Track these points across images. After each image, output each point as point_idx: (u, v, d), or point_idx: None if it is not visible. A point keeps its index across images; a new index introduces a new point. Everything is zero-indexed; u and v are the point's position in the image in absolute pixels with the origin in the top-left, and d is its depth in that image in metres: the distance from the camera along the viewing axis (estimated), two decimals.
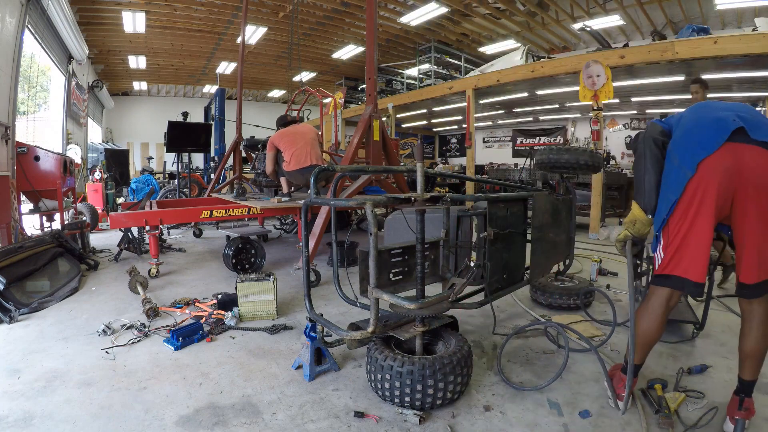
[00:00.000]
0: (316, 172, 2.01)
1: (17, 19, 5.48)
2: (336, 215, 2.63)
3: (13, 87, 5.29)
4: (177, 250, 5.19)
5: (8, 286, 2.99)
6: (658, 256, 1.66)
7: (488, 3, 10.08)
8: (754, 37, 5.35)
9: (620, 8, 9.76)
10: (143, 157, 16.68)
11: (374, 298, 1.74)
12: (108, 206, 7.59)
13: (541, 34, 11.92)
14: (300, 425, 1.72)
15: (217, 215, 4.28)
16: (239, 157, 7.03)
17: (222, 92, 9.76)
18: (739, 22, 9.29)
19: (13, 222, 4.62)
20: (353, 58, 13.69)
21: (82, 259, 4.19)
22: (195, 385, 2.03)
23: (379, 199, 1.84)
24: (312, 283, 3.63)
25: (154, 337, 2.58)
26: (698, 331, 2.53)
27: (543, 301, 3.15)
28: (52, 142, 9.33)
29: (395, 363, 1.79)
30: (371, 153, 4.46)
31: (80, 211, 5.69)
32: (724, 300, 3.24)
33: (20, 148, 4.96)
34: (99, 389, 1.97)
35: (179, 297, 3.32)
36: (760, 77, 6.98)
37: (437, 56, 12.24)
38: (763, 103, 9.02)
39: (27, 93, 9.11)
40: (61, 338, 2.56)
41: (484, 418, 1.77)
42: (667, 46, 5.84)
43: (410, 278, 2.32)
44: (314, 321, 2.10)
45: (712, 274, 2.54)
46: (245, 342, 2.54)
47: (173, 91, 18.42)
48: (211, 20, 10.71)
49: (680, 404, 1.84)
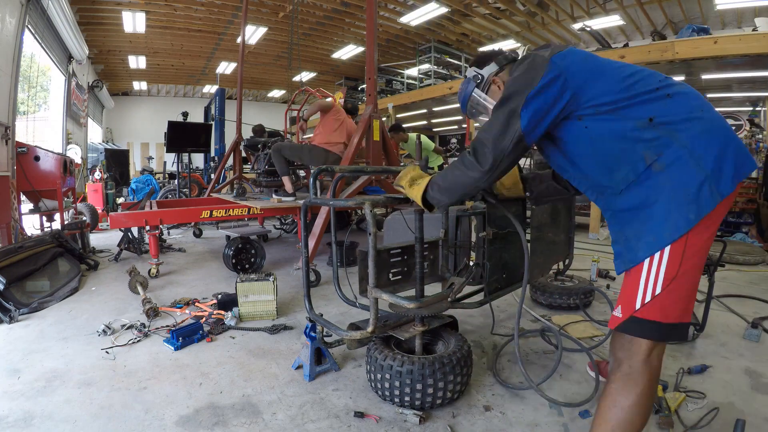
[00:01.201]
0: (316, 173, 2.01)
1: (17, 19, 5.48)
2: (336, 215, 2.63)
3: (13, 87, 5.29)
4: (177, 250, 5.19)
5: (8, 286, 2.99)
6: (648, 287, 1.18)
7: (488, 3, 10.09)
8: (754, 37, 5.36)
9: (620, 8, 9.77)
10: (143, 157, 16.69)
11: (374, 298, 1.74)
12: (108, 206, 7.59)
13: (541, 34, 11.92)
14: (300, 425, 1.72)
15: (217, 215, 4.28)
16: (239, 157, 7.03)
17: (222, 92, 9.77)
18: (739, 22, 9.29)
19: (13, 222, 4.62)
20: (353, 58, 13.70)
21: (82, 259, 4.19)
22: (195, 385, 2.03)
23: (378, 199, 1.84)
24: (312, 283, 3.64)
25: (154, 337, 2.58)
26: (698, 332, 2.53)
27: (543, 300, 3.15)
28: (52, 142, 9.34)
29: (395, 363, 1.79)
30: (371, 153, 4.46)
31: (80, 211, 5.70)
32: (724, 300, 3.24)
33: (20, 148, 4.96)
34: (99, 389, 1.97)
35: (179, 297, 3.32)
36: (760, 77, 6.99)
37: (437, 56, 12.25)
38: (763, 103, 9.02)
39: (27, 93, 9.13)
40: (61, 338, 2.56)
41: (484, 418, 1.77)
42: (667, 46, 5.85)
43: (410, 278, 2.32)
44: (314, 321, 2.10)
45: (713, 274, 2.54)
46: (245, 342, 2.54)
47: (173, 91, 18.43)
48: (211, 20, 10.71)
49: (680, 404, 1.84)
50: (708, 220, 1.15)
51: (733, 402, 1.87)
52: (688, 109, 1.19)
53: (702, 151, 1.15)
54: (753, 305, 3.17)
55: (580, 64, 1.27)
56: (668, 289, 1.16)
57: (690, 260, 1.15)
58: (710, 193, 1.13)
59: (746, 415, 1.75)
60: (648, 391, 1.19)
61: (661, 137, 1.17)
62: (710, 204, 1.13)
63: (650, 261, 1.17)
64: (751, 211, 6.62)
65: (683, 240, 1.14)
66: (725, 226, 6.96)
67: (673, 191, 1.16)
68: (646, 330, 1.19)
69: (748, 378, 2.10)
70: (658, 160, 1.17)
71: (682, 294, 1.17)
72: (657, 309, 1.17)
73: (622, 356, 1.23)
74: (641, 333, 1.19)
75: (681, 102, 1.21)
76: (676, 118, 1.18)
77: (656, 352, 1.22)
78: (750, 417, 1.73)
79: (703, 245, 1.17)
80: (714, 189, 1.13)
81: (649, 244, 1.17)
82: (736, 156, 1.16)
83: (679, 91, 1.23)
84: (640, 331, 1.19)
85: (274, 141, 5.63)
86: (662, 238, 1.15)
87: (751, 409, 1.82)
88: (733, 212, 7.04)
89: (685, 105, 1.20)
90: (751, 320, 2.66)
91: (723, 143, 1.16)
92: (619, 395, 1.20)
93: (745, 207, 6.86)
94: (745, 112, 9.79)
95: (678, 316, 1.18)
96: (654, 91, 1.21)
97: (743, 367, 2.20)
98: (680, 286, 1.16)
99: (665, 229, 1.15)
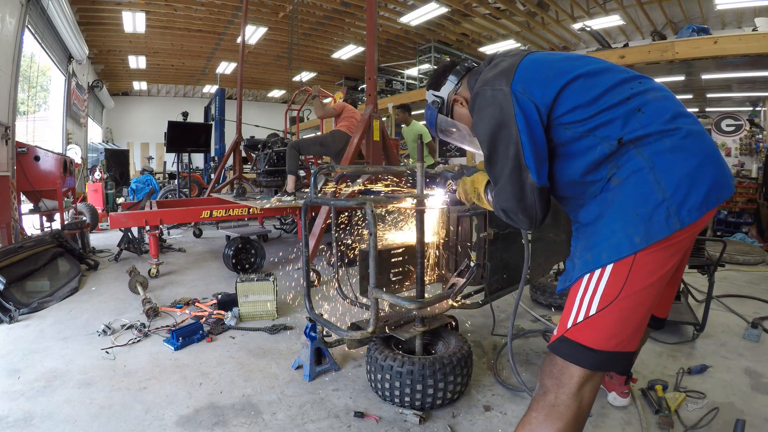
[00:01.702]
0: (316, 172, 2.01)
1: (17, 19, 5.48)
2: (336, 215, 2.63)
3: (13, 87, 5.29)
4: (177, 250, 5.19)
5: (8, 286, 2.99)
6: (582, 307, 1.08)
7: (488, 3, 10.08)
8: (754, 37, 5.37)
9: (620, 8, 9.76)
10: (143, 157, 16.68)
11: (374, 298, 1.74)
12: (108, 206, 7.58)
13: (541, 34, 11.92)
14: (300, 425, 1.72)
15: (217, 215, 4.28)
16: (239, 157, 7.02)
17: (222, 92, 9.76)
18: (739, 22, 9.29)
19: (13, 222, 4.62)
20: (353, 58, 13.69)
21: (82, 259, 4.19)
22: (195, 385, 2.03)
23: (379, 199, 1.84)
24: (312, 283, 3.63)
25: (154, 337, 2.58)
26: (698, 332, 2.53)
27: (543, 301, 3.15)
28: (52, 142, 9.33)
29: (395, 363, 1.79)
30: (371, 153, 4.46)
31: (80, 211, 5.69)
32: (724, 300, 3.24)
33: (20, 148, 4.96)
34: (99, 389, 1.97)
35: (179, 297, 3.32)
36: (760, 77, 6.99)
37: (437, 56, 12.23)
38: (763, 103, 9.03)
39: (27, 93, 9.12)
40: (61, 338, 2.56)
41: (484, 418, 1.77)
42: (667, 46, 5.85)
43: (410, 278, 2.32)
44: (314, 321, 2.10)
45: (713, 274, 2.54)
46: (245, 342, 2.54)
47: (173, 91, 18.42)
48: (211, 20, 10.70)
49: (680, 404, 1.84)
50: (665, 245, 1.02)
51: (733, 402, 1.87)
52: (662, 121, 1.06)
53: (664, 170, 1.02)
54: (753, 305, 3.17)
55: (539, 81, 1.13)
56: (605, 312, 1.04)
57: (636, 284, 1.02)
58: (666, 218, 1.00)
59: (746, 415, 1.76)
60: (572, 428, 1.05)
61: (627, 148, 1.06)
62: (663, 230, 1.00)
63: (588, 279, 1.07)
64: (751, 211, 6.62)
65: (628, 261, 1.02)
66: (725, 226, 6.97)
67: (621, 209, 1.05)
68: (577, 354, 1.06)
69: (748, 378, 2.10)
70: (616, 174, 1.07)
71: (622, 319, 1.04)
72: (589, 332, 1.05)
73: (549, 384, 1.09)
74: (571, 357, 1.06)
75: (653, 113, 1.07)
76: (645, 132, 1.05)
77: (589, 386, 1.07)
78: (750, 417, 1.73)
79: (657, 271, 1.03)
80: (672, 214, 1.00)
81: (587, 263, 1.08)
82: (712, 180, 1.02)
83: (649, 100, 1.09)
84: (570, 355, 1.07)
85: (273, 141, 5.64)
86: (600, 257, 1.05)
87: (751, 409, 1.82)
88: (733, 212, 7.05)
89: (659, 116, 1.06)
90: (751, 320, 2.66)
91: (696, 164, 1.02)
92: (539, 428, 1.06)
93: (745, 207, 6.86)
94: (745, 112, 9.80)
95: (615, 344, 1.04)
96: (625, 102, 1.08)
97: (743, 367, 2.20)
98: (620, 311, 1.03)
99: (606, 248, 1.05)
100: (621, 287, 1.03)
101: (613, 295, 1.04)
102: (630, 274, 1.02)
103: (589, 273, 1.07)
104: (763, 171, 6.21)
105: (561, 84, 1.11)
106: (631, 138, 1.05)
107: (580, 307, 1.08)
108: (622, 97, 1.09)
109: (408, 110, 6.44)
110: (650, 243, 1.00)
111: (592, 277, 1.07)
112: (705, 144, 1.06)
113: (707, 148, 1.06)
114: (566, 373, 1.07)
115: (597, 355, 1.04)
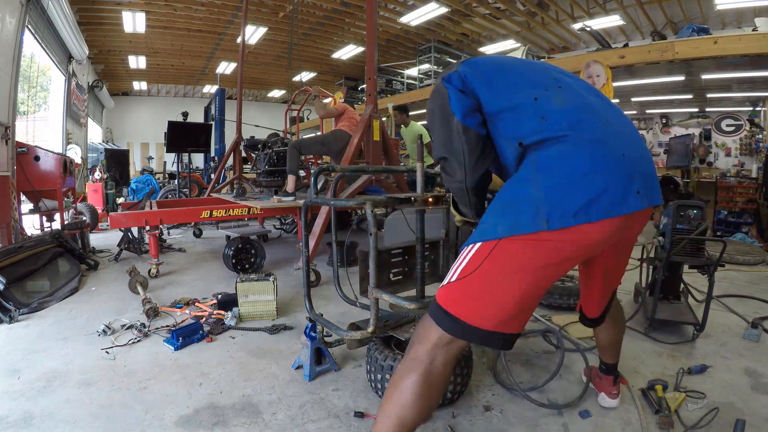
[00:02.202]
0: (316, 172, 2.01)
1: (17, 19, 5.48)
2: (336, 215, 2.63)
3: (13, 87, 5.29)
4: (177, 250, 5.19)
5: (8, 286, 2.99)
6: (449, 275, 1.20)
7: (488, 3, 10.08)
8: (754, 37, 5.37)
9: (620, 8, 9.76)
10: (143, 157, 16.68)
11: (374, 298, 1.74)
12: (108, 206, 7.58)
13: (541, 34, 11.92)
14: (300, 425, 1.72)
15: (217, 215, 4.28)
16: (239, 157, 7.02)
17: (222, 92, 9.76)
18: (739, 22, 9.28)
19: (13, 222, 4.62)
20: (353, 58, 13.70)
21: (82, 259, 4.19)
22: (195, 385, 2.03)
23: (379, 199, 1.84)
24: (312, 283, 3.63)
25: (154, 337, 2.58)
26: (698, 332, 2.53)
27: (543, 301, 3.14)
28: (52, 142, 9.33)
29: (395, 363, 1.79)
30: (371, 153, 4.46)
31: (80, 211, 5.69)
32: (724, 300, 3.24)
33: (20, 148, 4.96)
34: (99, 389, 1.97)
35: (179, 297, 3.32)
36: (760, 77, 6.99)
37: (437, 56, 12.24)
38: (763, 103, 9.03)
39: (27, 93, 9.13)
40: (61, 338, 2.56)
41: (484, 418, 1.77)
42: (667, 46, 5.85)
43: (410, 278, 2.32)
44: (314, 321, 2.10)
45: (713, 274, 2.54)
46: (245, 342, 2.54)
47: (173, 91, 18.42)
48: (211, 20, 10.71)
49: (680, 404, 1.84)
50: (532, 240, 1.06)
51: (733, 402, 1.87)
52: (558, 128, 1.11)
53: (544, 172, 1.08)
54: (753, 305, 3.17)
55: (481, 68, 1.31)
56: (461, 282, 1.15)
57: (495, 263, 1.10)
58: (533, 216, 1.05)
59: (746, 415, 1.76)
60: (424, 380, 1.13)
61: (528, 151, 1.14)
62: (528, 226, 1.06)
63: (464, 251, 1.18)
64: (751, 211, 6.62)
65: (492, 243, 1.10)
66: (725, 226, 6.97)
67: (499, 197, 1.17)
68: (439, 316, 1.16)
69: (748, 378, 2.10)
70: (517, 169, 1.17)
71: (474, 293, 1.13)
72: (446, 296, 1.17)
73: (415, 339, 1.22)
74: (433, 316, 1.18)
75: (558, 119, 1.12)
76: (544, 136, 1.11)
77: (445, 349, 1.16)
78: (750, 417, 1.73)
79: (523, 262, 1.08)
80: (542, 214, 1.04)
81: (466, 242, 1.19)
82: (601, 191, 1.05)
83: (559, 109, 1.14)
84: (433, 313, 1.18)
85: (274, 141, 5.63)
86: (474, 235, 1.17)
87: (751, 409, 1.82)
88: (733, 212, 7.05)
89: (562, 121, 1.12)
90: (751, 320, 2.66)
91: (582, 173, 1.06)
92: (400, 376, 1.17)
93: (745, 207, 6.86)
94: (745, 112, 9.81)
95: (463, 313, 1.12)
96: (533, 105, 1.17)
97: (743, 367, 2.20)
98: (473, 284, 1.13)
99: (479, 230, 1.16)
100: (480, 263, 1.12)
101: (471, 268, 1.13)
102: (492, 252, 1.11)
103: (466, 246, 1.18)
104: (763, 171, 6.20)
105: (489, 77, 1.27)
106: (529, 142, 1.13)
107: (452, 273, 1.19)
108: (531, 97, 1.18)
109: (406, 111, 6.45)
110: (510, 235, 1.08)
111: (464, 252, 1.18)
112: (608, 156, 1.09)
113: (611, 160, 1.08)
114: (429, 330, 1.18)
115: (453, 321, 1.14)
